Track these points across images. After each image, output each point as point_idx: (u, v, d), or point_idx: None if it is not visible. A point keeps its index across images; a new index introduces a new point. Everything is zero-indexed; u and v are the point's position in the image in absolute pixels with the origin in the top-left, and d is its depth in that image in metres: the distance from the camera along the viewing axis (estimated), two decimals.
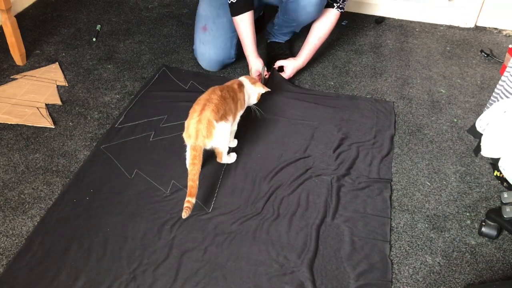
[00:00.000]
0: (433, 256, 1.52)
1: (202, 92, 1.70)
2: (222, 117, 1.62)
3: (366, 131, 1.96)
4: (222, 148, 1.70)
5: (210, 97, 1.63)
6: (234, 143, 1.83)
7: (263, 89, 1.86)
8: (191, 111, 1.63)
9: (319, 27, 2.19)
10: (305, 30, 2.26)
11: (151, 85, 2.15)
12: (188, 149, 1.60)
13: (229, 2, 2.04)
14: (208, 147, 1.62)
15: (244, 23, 2.08)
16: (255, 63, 2.13)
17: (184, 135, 1.61)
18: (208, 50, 2.21)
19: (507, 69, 1.77)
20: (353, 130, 1.96)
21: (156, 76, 2.21)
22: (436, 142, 1.95)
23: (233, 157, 1.78)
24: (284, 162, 1.79)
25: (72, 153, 1.81)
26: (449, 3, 2.76)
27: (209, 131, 1.57)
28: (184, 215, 1.46)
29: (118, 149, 1.82)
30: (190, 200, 1.49)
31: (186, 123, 1.61)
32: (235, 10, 2.05)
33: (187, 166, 1.58)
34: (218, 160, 1.75)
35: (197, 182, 1.52)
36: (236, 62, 2.33)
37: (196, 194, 1.51)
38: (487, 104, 1.88)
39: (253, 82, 1.86)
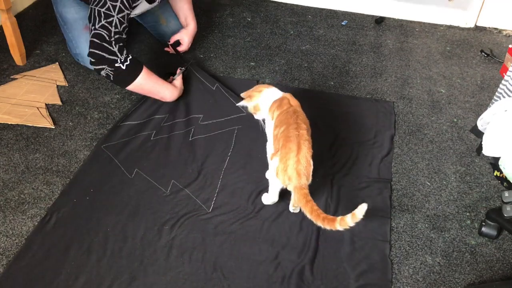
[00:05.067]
0: (433, 256, 1.52)
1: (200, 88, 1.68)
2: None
3: (366, 131, 1.96)
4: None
5: (300, 132, 1.46)
6: None
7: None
8: (284, 150, 1.44)
9: None
10: None
11: None
12: (282, 188, 1.51)
13: (113, 74, 1.77)
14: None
15: (146, 79, 1.86)
16: (175, 87, 1.99)
17: (281, 177, 1.44)
18: None
19: (510, 68, 1.77)
20: (353, 130, 1.96)
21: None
22: (436, 142, 1.95)
23: None
24: None
25: (72, 153, 1.81)
26: (449, 3, 2.76)
27: (308, 171, 1.44)
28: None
29: (119, 148, 1.82)
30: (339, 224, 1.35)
31: (282, 164, 1.44)
32: (128, 77, 1.81)
33: (272, 200, 1.57)
34: (295, 206, 1.58)
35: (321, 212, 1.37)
36: (236, 64, 2.33)
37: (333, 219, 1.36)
38: (490, 104, 1.88)
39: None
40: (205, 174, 1.73)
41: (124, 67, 1.78)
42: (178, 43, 2.24)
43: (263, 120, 1.72)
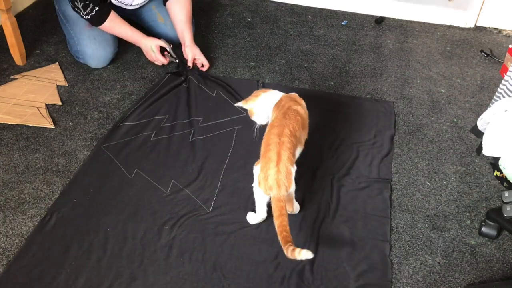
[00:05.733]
0: (433, 256, 1.52)
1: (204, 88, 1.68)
2: (294, 159, 1.48)
3: (366, 131, 1.96)
4: (293, 193, 1.54)
5: (281, 139, 1.45)
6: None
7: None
8: (264, 159, 1.45)
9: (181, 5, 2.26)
10: None
11: (159, 87, 2.13)
12: (262, 196, 1.49)
13: (87, 17, 2.08)
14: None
15: (115, 23, 2.14)
16: (150, 41, 2.20)
17: (263, 186, 1.43)
18: (99, 45, 2.19)
19: (510, 68, 1.77)
20: (353, 130, 1.96)
21: (163, 81, 2.18)
22: (436, 142, 1.95)
23: (297, 206, 1.61)
24: None
25: (72, 153, 1.81)
26: (449, 3, 2.76)
27: (289, 180, 1.43)
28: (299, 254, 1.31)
29: (119, 148, 1.82)
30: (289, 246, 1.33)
31: (262, 173, 1.43)
32: (98, 19, 2.10)
33: (259, 208, 1.52)
34: (290, 210, 1.56)
35: (286, 230, 1.36)
36: (236, 64, 2.33)
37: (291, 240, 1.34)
38: (490, 104, 1.88)
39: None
40: (205, 174, 1.73)
41: (89, 17, 2.07)
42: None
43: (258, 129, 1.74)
